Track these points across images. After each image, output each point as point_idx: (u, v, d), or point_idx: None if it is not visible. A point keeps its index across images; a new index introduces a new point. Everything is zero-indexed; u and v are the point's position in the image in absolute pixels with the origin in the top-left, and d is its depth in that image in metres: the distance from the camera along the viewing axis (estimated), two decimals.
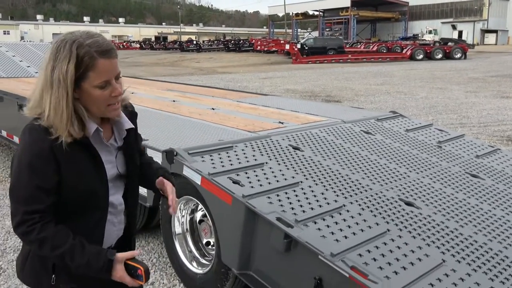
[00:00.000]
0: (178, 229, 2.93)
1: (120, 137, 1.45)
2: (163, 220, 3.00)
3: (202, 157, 2.67)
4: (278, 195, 2.36)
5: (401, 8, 65.24)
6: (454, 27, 61.22)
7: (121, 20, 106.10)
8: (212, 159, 2.66)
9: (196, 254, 2.89)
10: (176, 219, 2.93)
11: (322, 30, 63.41)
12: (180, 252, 2.90)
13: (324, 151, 3.05)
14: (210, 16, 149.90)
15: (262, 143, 3.01)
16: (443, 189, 2.73)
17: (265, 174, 2.58)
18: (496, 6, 62.33)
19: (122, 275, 1.28)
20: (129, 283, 1.29)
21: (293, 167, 2.73)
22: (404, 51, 32.17)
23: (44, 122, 1.28)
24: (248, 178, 2.50)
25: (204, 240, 2.89)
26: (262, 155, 2.84)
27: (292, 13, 67.75)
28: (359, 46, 38.54)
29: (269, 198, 2.32)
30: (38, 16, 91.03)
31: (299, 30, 73.38)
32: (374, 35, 66.82)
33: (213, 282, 2.63)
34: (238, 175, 2.51)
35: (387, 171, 2.86)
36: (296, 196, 2.38)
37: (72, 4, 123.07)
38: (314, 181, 2.59)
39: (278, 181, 2.52)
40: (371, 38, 59.04)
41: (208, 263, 2.77)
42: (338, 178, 2.67)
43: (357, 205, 2.39)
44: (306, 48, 32.50)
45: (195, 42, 52.41)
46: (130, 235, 1.59)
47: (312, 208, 2.28)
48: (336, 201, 2.39)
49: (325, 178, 2.64)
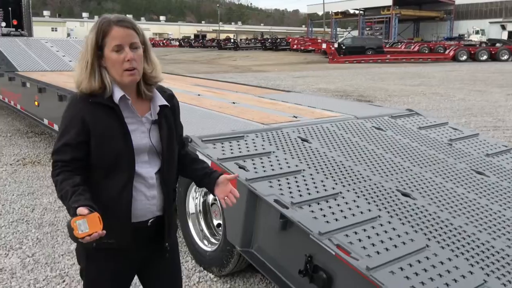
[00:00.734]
0: (192, 209, 3.17)
1: (154, 112, 1.66)
2: (179, 201, 3.26)
3: (214, 144, 2.90)
4: (279, 180, 2.54)
5: (446, 6, 63.05)
6: (504, 27, 58.51)
7: (162, 18, 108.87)
8: (223, 147, 2.88)
9: (207, 233, 3.12)
10: (191, 200, 3.17)
11: (362, 29, 62.38)
12: (193, 231, 3.14)
13: (331, 143, 3.20)
14: (249, 15, 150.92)
15: (273, 134, 3.20)
16: (444, 183, 2.82)
17: (270, 161, 2.77)
18: None
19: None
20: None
21: (298, 157, 2.90)
22: (447, 52, 31.27)
23: (78, 91, 1.56)
24: (254, 164, 2.70)
25: (215, 222, 3.12)
26: (271, 145, 3.03)
27: (332, 11, 67.10)
28: (399, 46, 37.73)
29: (270, 182, 2.51)
30: (84, 14, 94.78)
31: (338, 29, 72.58)
32: (417, 35, 64.96)
33: (219, 258, 2.86)
34: (244, 161, 2.72)
35: (390, 164, 2.98)
36: (296, 182, 2.56)
37: (116, 3, 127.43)
38: (316, 169, 2.76)
39: (281, 168, 2.70)
40: (413, 38, 57.51)
41: (217, 242, 3.00)
42: (340, 168, 2.82)
43: (353, 193, 2.54)
44: (344, 47, 32.23)
45: (232, 40, 53.01)
46: (168, 216, 1.69)
47: (309, 193, 2.45)
48: (333, 188, 2.55)
49: (327, 168, 2.80)
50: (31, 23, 12.09)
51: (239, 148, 2.89)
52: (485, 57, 30.12)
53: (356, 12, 66.55)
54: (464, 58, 29.95)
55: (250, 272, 3.05)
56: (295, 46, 40.94)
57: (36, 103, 5.98)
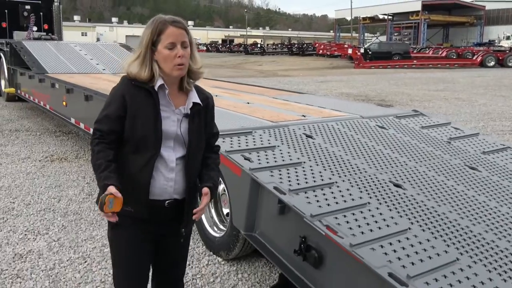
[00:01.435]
0: None
1: (188, 107, 1.86)
2: None
3: (223, 138, 3.19)
4: (280, 171, 2.81)
5: (476, 12, 61.73)
6: None
7: (190, 23, 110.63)
8: (231, 141, 3.17)
9: (216, 220, 3.41)
10: None
11: (390, 34, 61.82)
12: (204, 219, 3.44)
13: (334, 140, 3.45)
14: (277, 20, 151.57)
15: (279, 131, 3.47)
16: (436, 177, 3.01)
17: (274, 154, 3.04)
18: None
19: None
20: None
21: (300, 151, 3.16)
22: (474, 58, 30.72)
23: (127, 75, 1.84)
24: (258, 156, 2.98)
25: (225, 211, 3.41)
26: (276, 140, 3.30)
27: (360, 17, 66.76)
28: (427, 52, 37.27)
29: (271, 172, 2.78)
30: (113, 19, 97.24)
31: (367, 34, 72.03)
32: (447, 41, 63.78)
33: (226, 243, 3.14)
34: (250, 153, 3.00)
35: (387, 159, 3.20)
36: (296, 172, 2.82)
37: (145, 8, 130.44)
38: (316, 162, 3.01)
39: (283, 160, 2.97)
40: (443, 44, 56.52)
41: (225, 228, 3.28)
42: (338, 161, 3.06)
43: (348, 183, 2.77)
44: (370, 52, 32.11)
45: (259, 45, 53.52)
46: (188, 204, 1.88)
47: (306, 182, 2.70)
48: (330, 178, 2.80)
49: (326, 161, 3.05)
50: (61, 27, 12.77)
51: (246, 142, 3.17)
52: None
53: (385, 17, 65.98)
54: (492, 63, 29.39)
55: (256, 257, 3.32)
56: (321, 51, 41.05)
57: (64, 103, 6.36)
